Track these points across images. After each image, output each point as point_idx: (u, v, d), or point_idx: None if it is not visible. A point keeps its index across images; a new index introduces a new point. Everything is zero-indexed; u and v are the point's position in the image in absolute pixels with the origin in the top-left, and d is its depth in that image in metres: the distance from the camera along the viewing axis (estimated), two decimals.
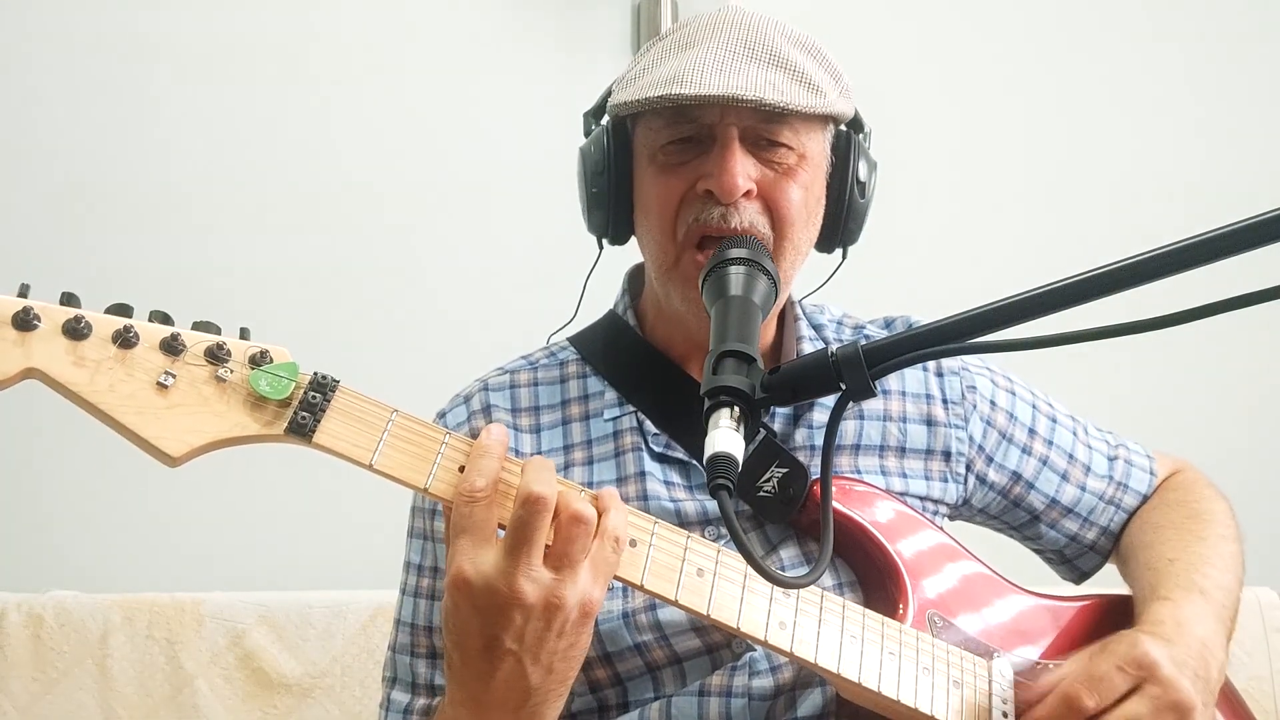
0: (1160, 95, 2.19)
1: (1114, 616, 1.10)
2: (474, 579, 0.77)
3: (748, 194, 1.01)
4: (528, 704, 0.82)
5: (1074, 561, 1.24)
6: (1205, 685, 0.95)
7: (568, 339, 1.20)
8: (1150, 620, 1.00)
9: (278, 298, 1.92)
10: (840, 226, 1.11)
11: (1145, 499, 1.22)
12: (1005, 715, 0.95)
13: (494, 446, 0.82)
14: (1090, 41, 2.20)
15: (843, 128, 1.11)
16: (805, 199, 1.05)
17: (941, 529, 1.10)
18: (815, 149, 1.06)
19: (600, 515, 0.82)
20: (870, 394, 0.77)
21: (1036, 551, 1.26)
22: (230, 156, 1.95)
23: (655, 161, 1.06)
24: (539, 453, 1.09)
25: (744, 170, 1.01)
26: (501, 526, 0.80)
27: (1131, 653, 0.92)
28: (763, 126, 1.02)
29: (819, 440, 1.08)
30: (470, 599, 0.78)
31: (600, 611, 0.99)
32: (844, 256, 1.16)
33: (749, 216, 1.01)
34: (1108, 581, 1.20)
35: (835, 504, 1.02)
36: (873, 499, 1.06)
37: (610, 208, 1.10)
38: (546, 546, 0.79)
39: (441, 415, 1.15)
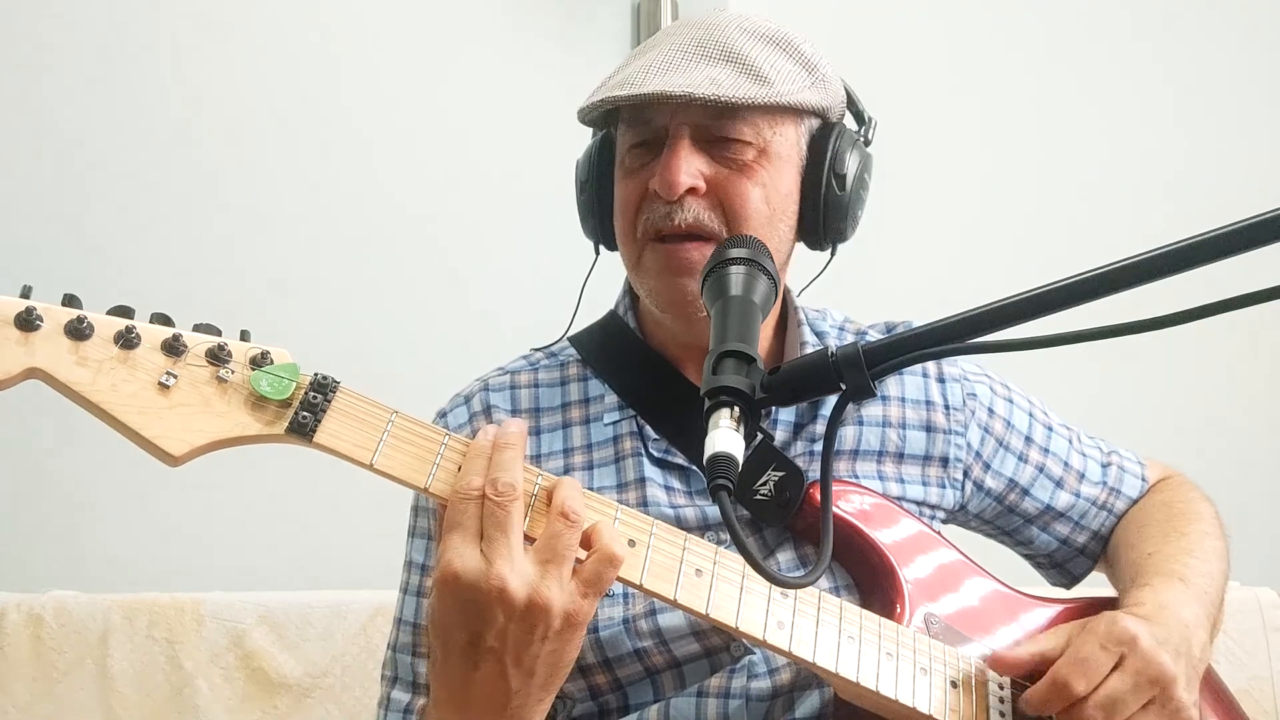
0: (1163, 96, 2.19)
1: None
2: (461, 573, 0.77)
3: (694, 191, 1.01)
4: (509, 706, 0.80)
5: (1065, 565, 1.24)
6: (1188, 662, 0.95)
7: (568, 339, 1.19)
8: (1130, 603, 1.01)
9: (278, 301, 1.92)
10: (820, 222, 1.08)
11: (1135, 504, 1.23)
12: (1003, 715, 0.96)
13: (488, 448, 0.82)
14: (1094, 41, 2.20)
15: (831, 120, 1.08)
16: (766, 195, 1.03)
17: (938, 533, 1.10)
18: (782, 143, 1.04)
19: (594, 531, 0.81)
20: (870, 394, 0.77)
21: (1027, 557, 1.27)
22: (231, 159, 1.95)
23: (623, 166, 1.07)
24: (539, 455, 1.09)
25: (688, 168, 1.00)
26: (529, 539, 0.80)
27: (1111, 630, 0.93)
28: (713, 124, 1.01)
29: (819, 448, 1.08)
30: (456, 593, 0.77)
31: (601, 619, 1.00)
32: (832, 253, 1.13)
33: (694, 213, 1.01)
34: (1102, 584, 1.21)
35: (833, 506, 1.02)
36: (870, 503, 1.06)
37: (594, 215, 1.12)
38: (532, 542, 0.79)
39: (442, 415, 1.15)
